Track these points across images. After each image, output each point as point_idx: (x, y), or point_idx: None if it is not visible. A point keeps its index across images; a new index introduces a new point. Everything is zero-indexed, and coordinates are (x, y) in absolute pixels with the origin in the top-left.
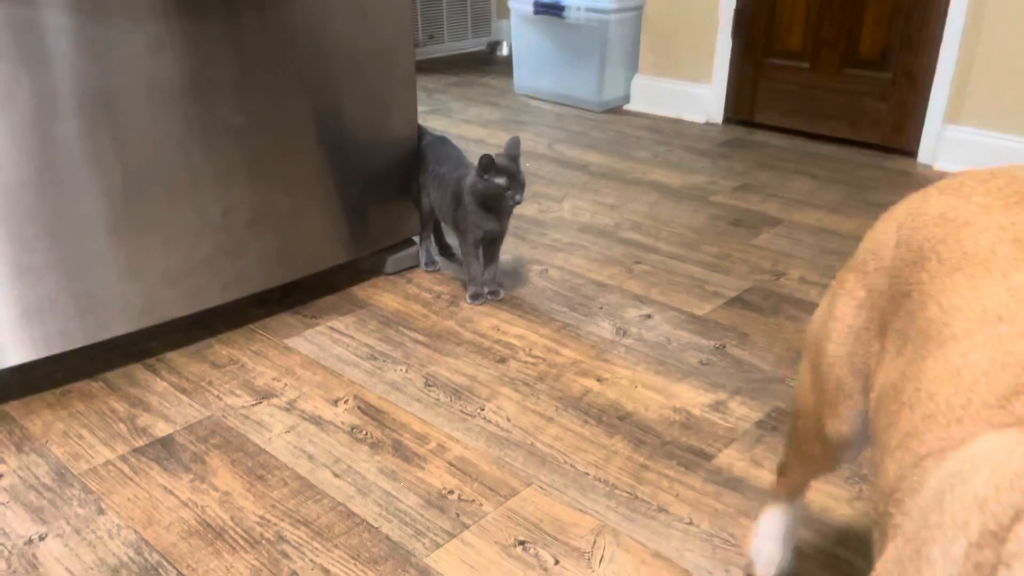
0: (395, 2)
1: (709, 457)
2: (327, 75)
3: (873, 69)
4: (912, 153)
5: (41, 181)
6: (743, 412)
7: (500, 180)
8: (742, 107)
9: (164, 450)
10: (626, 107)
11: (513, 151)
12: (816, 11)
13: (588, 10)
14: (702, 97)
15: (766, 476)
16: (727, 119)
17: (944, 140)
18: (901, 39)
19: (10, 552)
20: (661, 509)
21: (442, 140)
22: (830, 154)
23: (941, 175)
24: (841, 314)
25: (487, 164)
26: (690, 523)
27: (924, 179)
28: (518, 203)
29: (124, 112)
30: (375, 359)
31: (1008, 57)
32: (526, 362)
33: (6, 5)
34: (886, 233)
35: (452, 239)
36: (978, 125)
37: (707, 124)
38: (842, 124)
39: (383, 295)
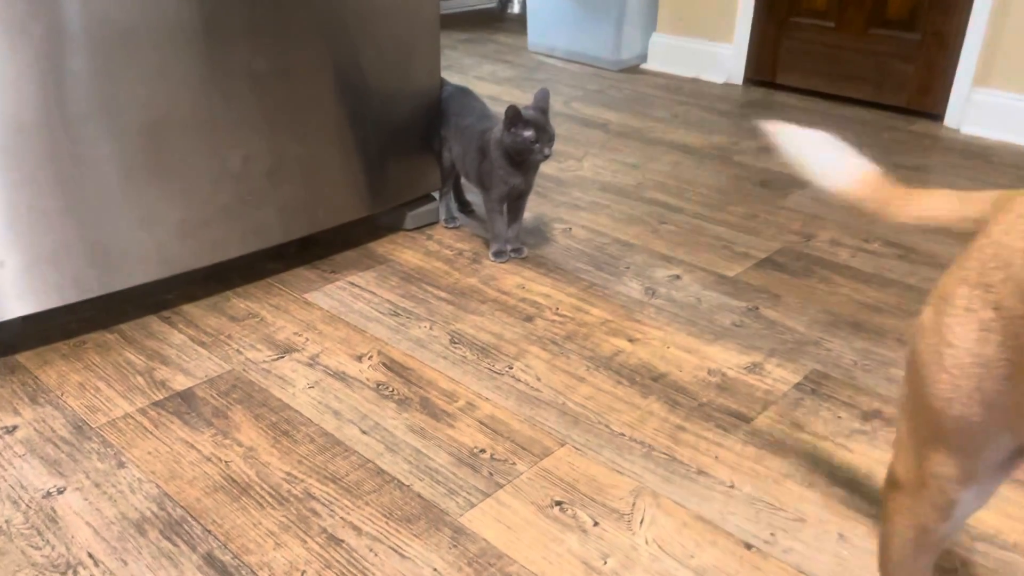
0: None
1: (748, 419)
2: (348, 20)
3: (901, 29)
4: (939, 117)
5: (57, 122)
6: (780, 374)
7: (528, 133)
8: (763, 67)
9: (184, 404)
10: (643, 66)
11: (542, 104)
12: None
13: None
14: (722, 56)
15: (807, 439)
16: (748, 79)
17: (972, 103)
18: None
19: (27, 505)
20: (701, 472)
21: (464, 91)
22: (854, 116)
23: (968, 139)
24: (959, 339)
25: (513, 116)
26: (732, 486)
27: (951, 143)
28: (547, 157)
29: (141, 51)
30: (398, 315)
31: None
32: (553, 321)
33: None
34: (1012, 234)
35: (473, 195)
36: (1008, 88)
37: (727, 84)
38: (867, 86)
39: (403, 251)
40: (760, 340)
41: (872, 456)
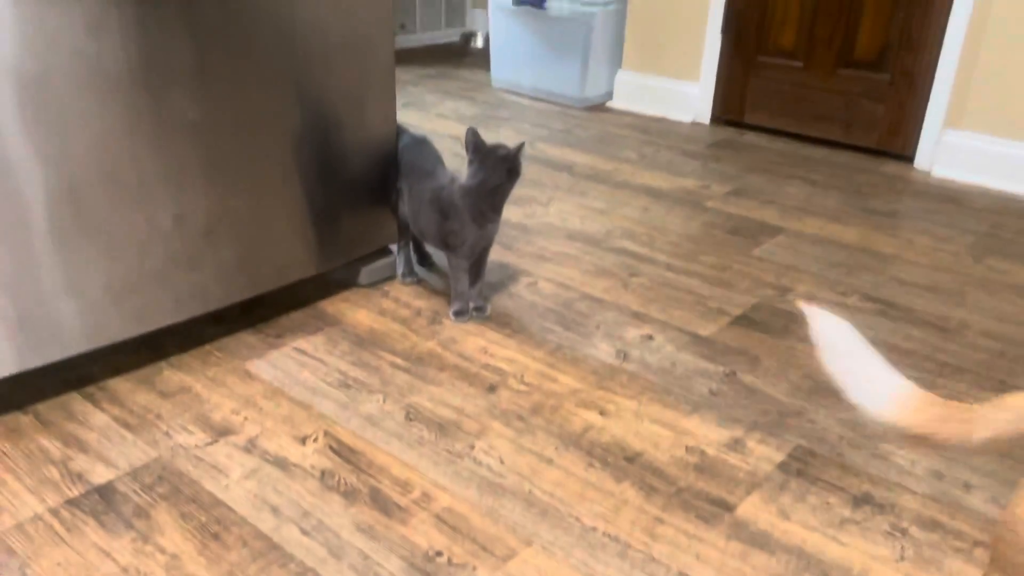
0: None
1: (730, 507)
2: (296, 65)
3: (870, 69)
4: (909, 158)
5: None
6: (763, 452)
7: (502, 151)
8: (731, 106)
9: (103, 501)
10: (609, 104)
11: (476, 139)
12: (811, 8)
13: (571, 2)
14: (689, 95)
15: (795, 531)
16: (715, 119)
17: (943, 145)
18: (901, 38)
19: None
20: (681, 573)
21: (420, 142)
22: (824, 158)
23: (940, 182)
24: None
25: (478, 146)
26: None
27: (923, 186)
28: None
29: (61, 101)
30: (348, 387)
31: (1013, 58)
32: (519, 391)
33: None
34: None
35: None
36: (979, 129)
37: (694, 124)
38: (836, 126)
39: (356, 311)
40: (740, 411)
41: (865, 550)
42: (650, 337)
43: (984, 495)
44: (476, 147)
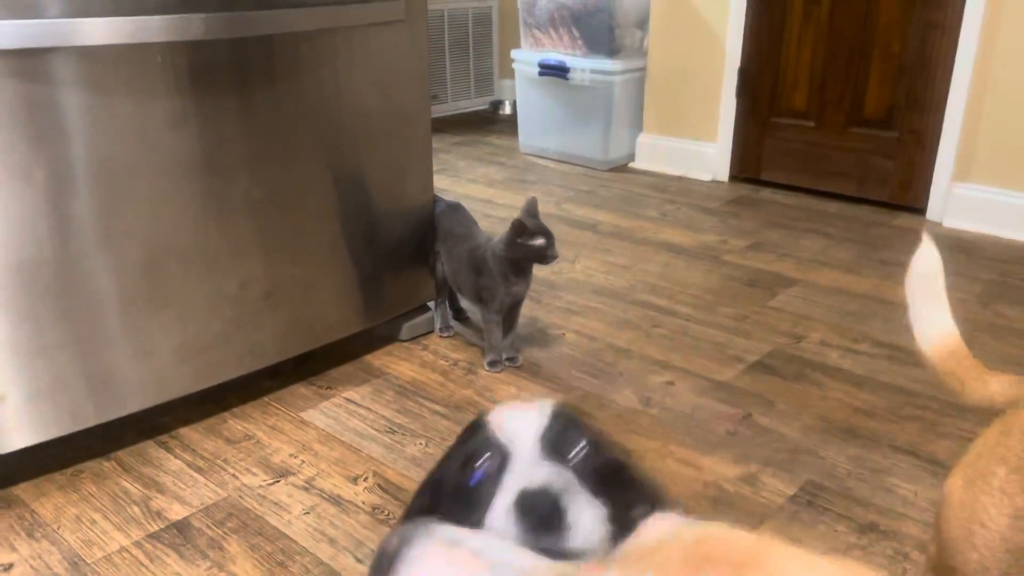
0: (411, 71)
1: None
2: (343, 145)
3: (879, 127)
4: (921, 210)
5: (57, 259)
6: (775, 486)
7: (539, 241)
8: (748, 165)
9: (180, 535)
10: (631, 165)
11: (533, 211)
12: (820, 70)
13: (593, 71)
14: (707, 155)
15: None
16: (733, 177)
17: (953, 197)
18: (907, 98)
19: None
20: None
21: (455, 208)
22: (839, 212)
23: (951, 233)
24: (992, 521)
25: (520, 228)
26: None
27: (934, 237)
28: (556, 258)
29: (141, 189)
30: (393, 432)
31: (1015, 114)
32: None
33: (25, 82)
34: None
35: (467, 302)
36: (986, 182)
37: (713, 182)
38: (849, 182)
39: (399, 363)
40: (755, 449)
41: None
42: (671, 383)
43: None
44: (521, 224)
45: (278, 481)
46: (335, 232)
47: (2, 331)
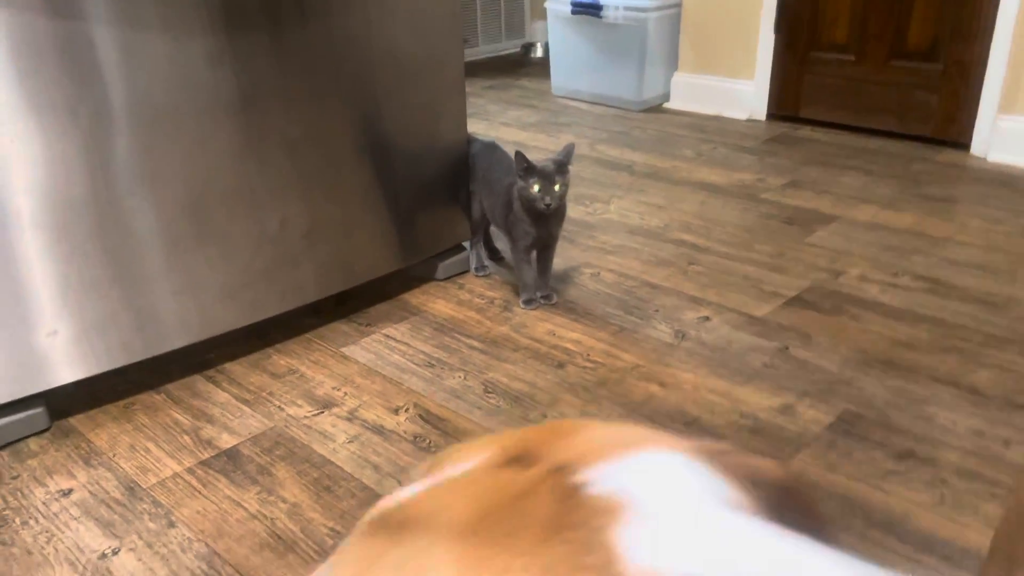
0: (443, 9)
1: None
2: (377, 85)
3: (922, 60)
4: (965, 145)
5: (103, 196)
6: (812, 415)
7: (532, 185)
8: (786, 102)
9: (230, 462)
10: (666, 105)
11: (564, 156)
12: (862, 3)
13: (626, 9)
14: (744, 93)
15: (841, 482)
16: (771, 115)
17: (998, 131)
18: (951, 29)
19: (84, 567)
20: None
21: (492, 146)
22: (879, 148)
23: (996, 167)
24: None
25: (519, 160)
26: None
27: (979, 172)
28: (548, 207)
29: (182, 127)
30: (432, 366)
31: None
32: (585, 367)
33: (67, 20)
34: None
35: (502, 243)
36: None
37: (750, 121)
38: (891, 117)
39: (436, 301)
40: (791, 381)
41: (907, 497)
42: (707, 319)
43: None
44: (519, 165)
45: (322, 412)
46: (371, 171)
47: (52, 267)
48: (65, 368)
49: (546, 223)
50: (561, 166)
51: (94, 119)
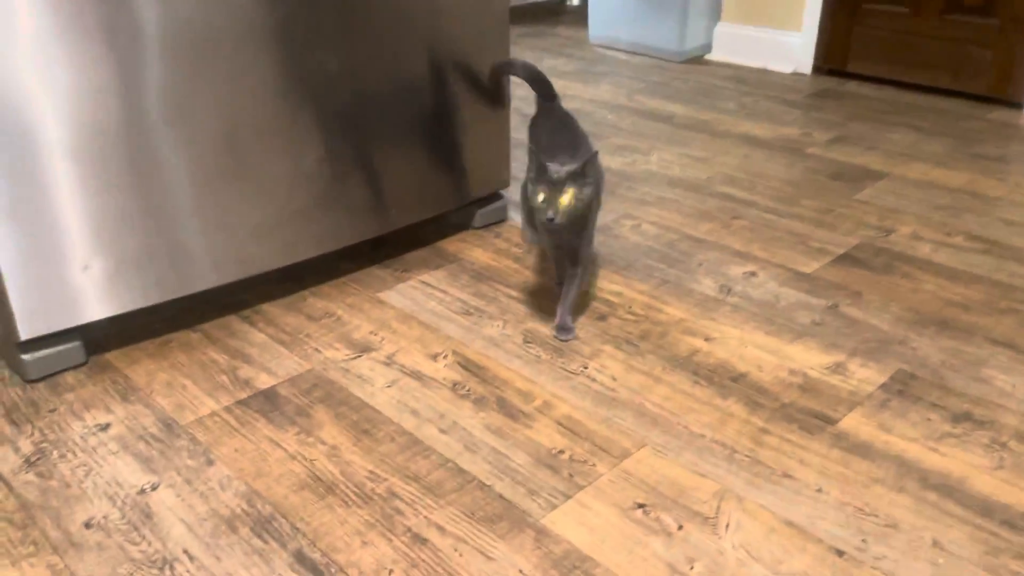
0: None
1: (832, 421)
2: (419, 18)
3: (978, 14)
4: (1018, 104)
5: (139, 127)
6: (865, 374)
7: (538, 192)
8: (834, 55)
9: (268, 402)
10: (707, 57)
11: (581, 165)
12: None
13: None
14: (790, 45)
15: (895, 443)
16: (817, 68)
17: None
18: None
19: (123, 502)
20: (786, 475)
21: (549, 112)
22: (930, 105)
23: None
24: None
25: (532, 160)
26: (819, 490)
27: None
28: (551, 222)
29: (219, 57)
30: (470, 314)
31: None
32: (627, 320)
33: None
34: None
35: None
36: None
37: (795, 74)
38: (943, 73)
39: (472, 250)
40: (842, 339)
41: (964, 460)
42: (753, 274)
43: None
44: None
45: (360, 356)
46: (411, 112)
47: (86, 200)
48: (100, 303)
49: (557, 236)
50: (576, 177)
51: (130, 45)
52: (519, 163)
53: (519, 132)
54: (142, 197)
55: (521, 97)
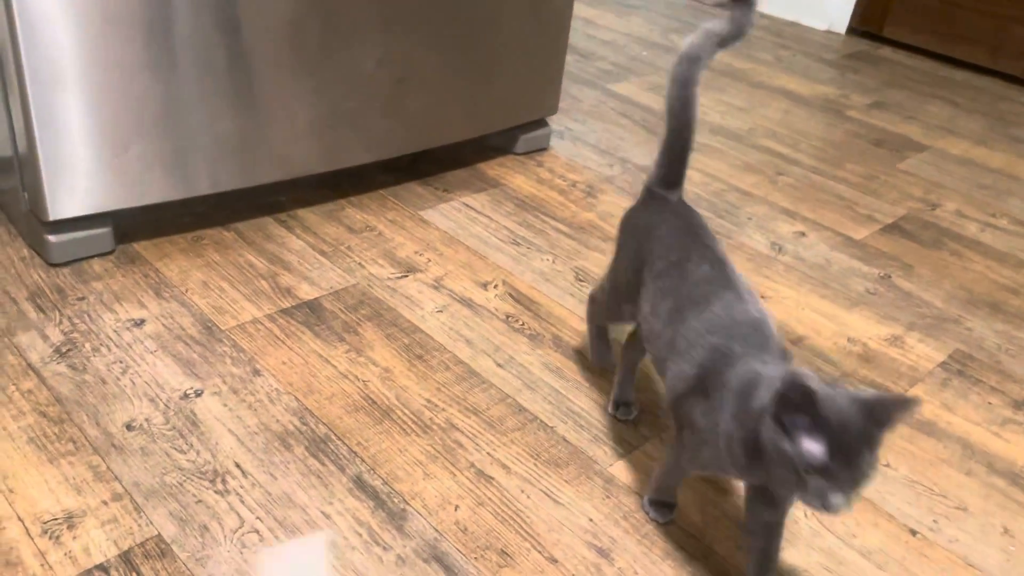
0: None
1: None
2: None
3: None
4: None
5: (192, 9)
6: (923, 351)
7: (814, 450)
8: (871, 18)
9: (313, 315)
10: None
11: (882, 411)
12: None
13: None
14: (827, 2)
15: (959, 424)
16: (851, 29)
17: None
18: None
19: (166, 405)
20: None
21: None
22: (965, 80)
23: None
24: None
25: (788, 394)
26: (887, 465)
27: None
28: (835, 510)
29: None
30: (518, 244)
31: None
32: None
33: None
34: None
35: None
36: None
37: (829, 32)
38: (982, 49)
39: (514, 176)
40: (898, 311)
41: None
42: (803, 234)
43: None
44: (786, 405)
45: (406, 276)
46: (470, 24)
47: (131, 78)
48: (133, 190)
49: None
50: (880, 426)
51: None
52: (569, 93)
53: (573, 66)
54: (193, 82)
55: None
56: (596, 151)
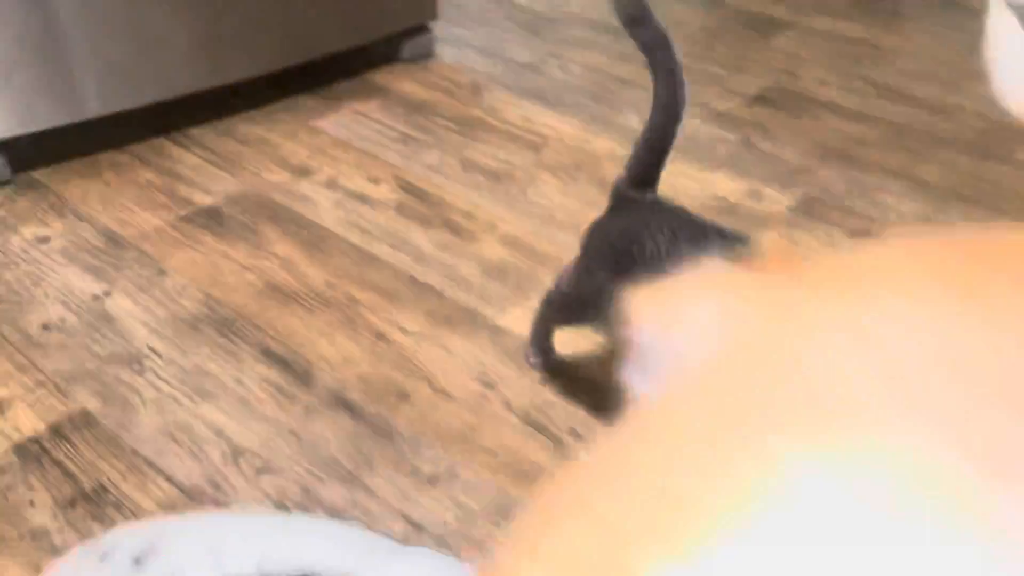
0: None
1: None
2: None
3: None
4: None
5: None
6: (776, 198)
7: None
8: None
9: (212, 219)
10: None
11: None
12: None
13: None
14: None
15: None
16: None
17: None
18: None
19: (78, 307)
20: None
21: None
22: None
23: None
24: None
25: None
26: None
27: None
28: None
29: None
30: (407, 143)
31: None
32: (560, 151)
33: None
34: None
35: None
36: None
37: None
38: None
39: (402, 81)
40: (756, 168)
41: None
42: None
43: None
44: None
45: (300, 179)
46: None
47: (13, 13)
48: (23, 117)
49: None
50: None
51: None
52: (453, 3)
53: None
54: (71, 6)
55: None
56: (481, 53)
